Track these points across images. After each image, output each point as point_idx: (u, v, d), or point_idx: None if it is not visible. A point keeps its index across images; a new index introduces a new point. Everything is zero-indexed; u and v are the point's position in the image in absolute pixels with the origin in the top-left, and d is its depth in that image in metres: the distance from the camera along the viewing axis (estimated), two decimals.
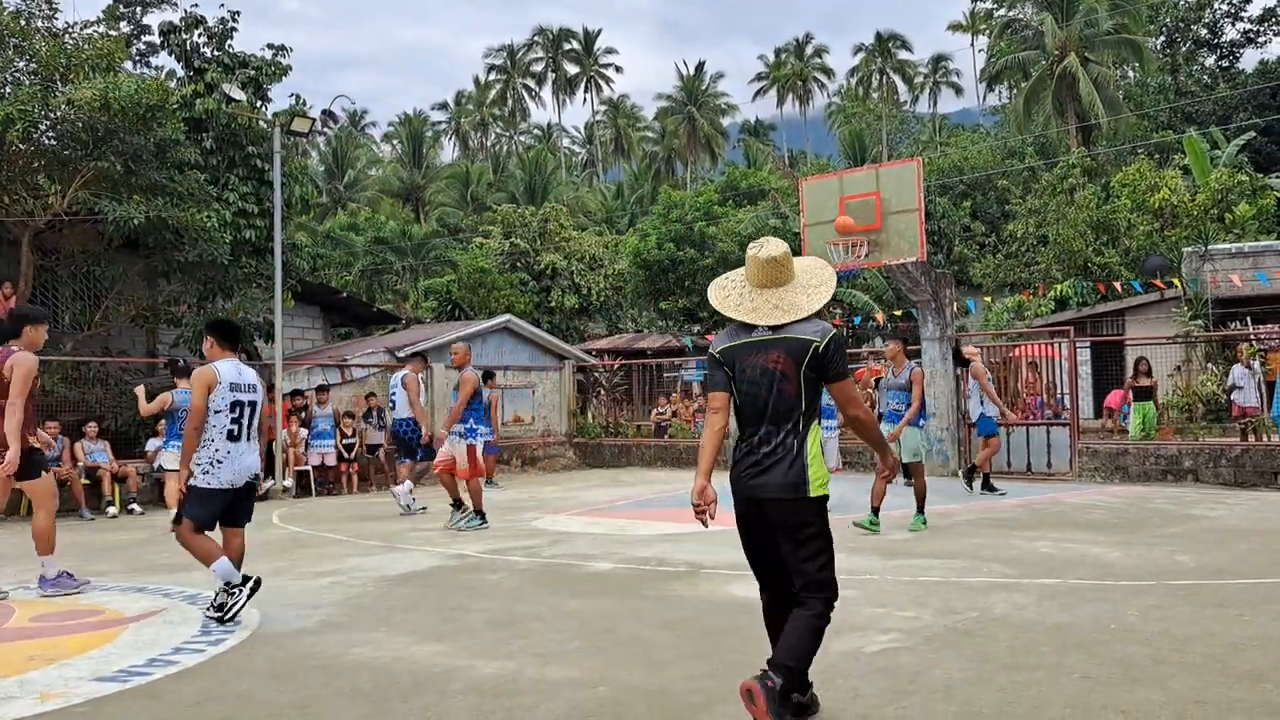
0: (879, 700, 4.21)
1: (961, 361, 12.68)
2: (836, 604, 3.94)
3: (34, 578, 7.26)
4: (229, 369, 6.13)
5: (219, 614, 5.87)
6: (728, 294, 4.07)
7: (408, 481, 12.10)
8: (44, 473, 7.22)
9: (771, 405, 3.88)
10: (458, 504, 10.43)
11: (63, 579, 7.11)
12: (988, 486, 12.38)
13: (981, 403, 12.45)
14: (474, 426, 10.31)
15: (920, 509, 9.46)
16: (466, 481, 10.34)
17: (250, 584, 5.90)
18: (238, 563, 6.11)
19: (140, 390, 11.93)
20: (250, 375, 6.29)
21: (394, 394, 12.65)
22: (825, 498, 3.89)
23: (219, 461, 5.96)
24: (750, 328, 3.96)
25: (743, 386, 3.95)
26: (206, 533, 6.08)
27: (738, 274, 4.10)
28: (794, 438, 3.87)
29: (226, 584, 5.89)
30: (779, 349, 3.87)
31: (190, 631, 5.81)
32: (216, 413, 6.00)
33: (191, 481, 5.95)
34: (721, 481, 3.87)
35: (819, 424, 3.98)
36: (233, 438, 6.02)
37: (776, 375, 3.86)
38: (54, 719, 4.25)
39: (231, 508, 6.12)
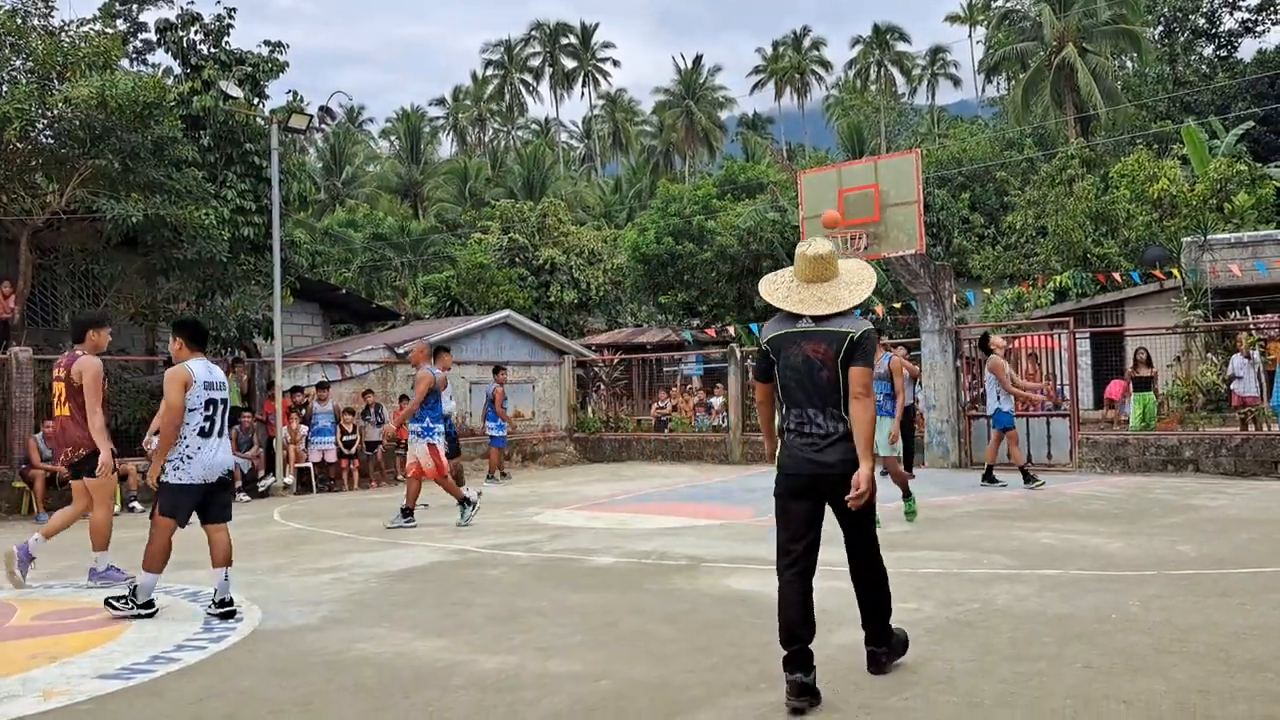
0: (881, 692, 4.22)
1: (986, 350, 12.41)
2: (838, 595, 4.02)
3: (43, 575, 7.27)
4: (201, 368, 6.26)
5: (114, 602, 6.13)
6: (777, 287, 4.46)
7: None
8: (109, 476, 7.47)
9: (812, 390, 4.28)
10: (464, 502, 10.35)
11: (111, 572, 7.40)
12: (989, 478, 12.32)
13: (998, 397, 12.17)
14: (430, 425, 10.17)
15: (907, 493, 9.35)
16: (420, 480, 10.23)
17: (149, 611, 6.11)
18: (225, 557, 6.18)
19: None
20: (219, 374, 6.43)
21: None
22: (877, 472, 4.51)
23: (189, 458, 6.08)
24: (795, 319, 4.33)
25: (786, 372, 4.34)
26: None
27: (787, 271, 4.52)
28: (836, 420, 4.27)
29: (132, 592, 6.14)
30: (821, 340, 4.27)
31: (192, 629, 5.82)
32: (191, 410, 6.13)
33: (163, 478, 6.06)
34: (712, 476, 3.85)
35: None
36: (204, 434, 6.15)
37: (816, 363, 4.26)
38: (57, 717, 4.26)
39: (207, 504, 6.21)
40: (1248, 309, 19.13)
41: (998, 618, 5.48)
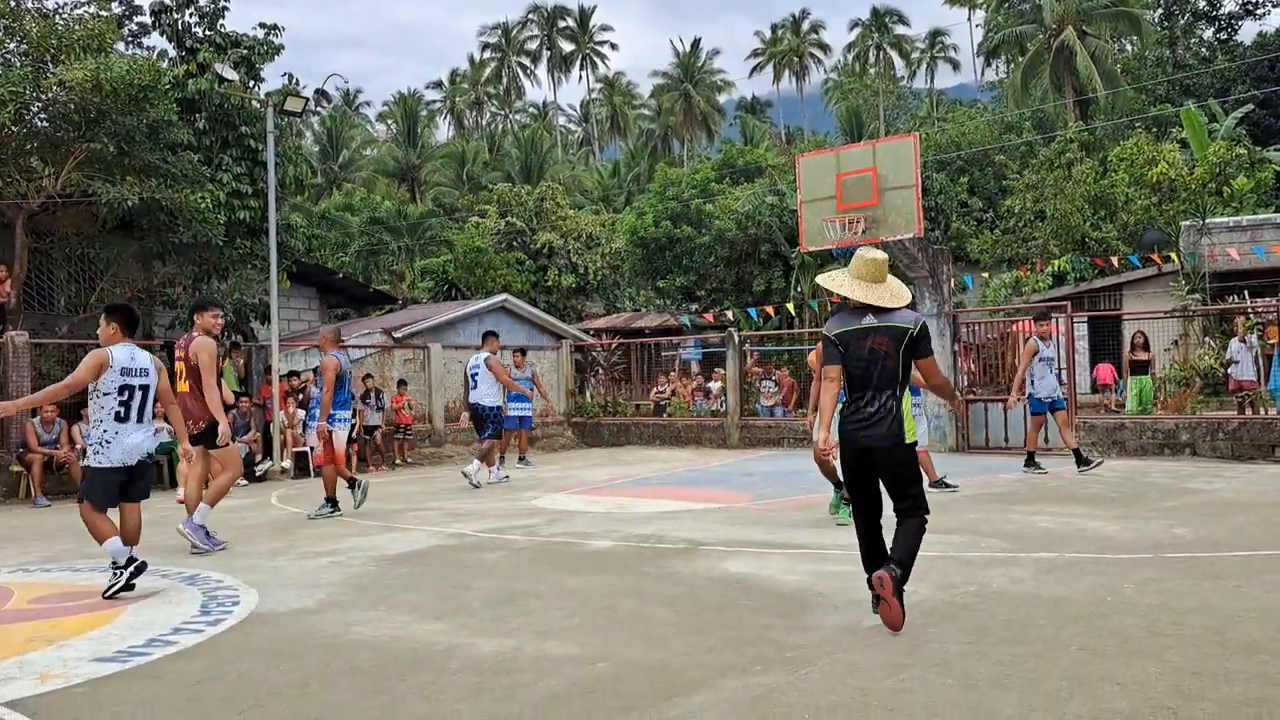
0: (877, 673, 4.23)
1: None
2: (831, 578, 4.00)
3: (40, 559, 7.28)
4: (123, 354, 6.40)
5: (105, 591, 6.21)
6: (840, 282, 5.21)
7: (476, 462, 12.57)
8: (229, 443, 8.21)
9: (876, 376, 5.04)
10: (351, 484, 10.24)
11: (208, 535, 8.04)
12: (1031, 463, 12.02)
13: (1031, 381, 11.81)
14: (333, 413, 10.02)
15: (839, 484, 8.39)
16: (335, 466, 10.15)
17: (134, 566, 6.23)
18: (134, 535, 6.43)
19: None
20: (144, 359, 6.54)
21: (475, 374, 12.94)
22: (915, 443, 5.12)
23: (107, 442, 6.27)
24: (860, 317, 5.12)
25: (852, 362, 5.10)
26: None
27: (841, 272, 5.29)
28: (893, 401, 5.04)
29: (113, 563, 6.26)
30: (884, 334, 5.04)
31: (189, 612, 5.82)
32: (105, 395, 6.29)
33: (84, 462, 6.28)
34: (710, 460, 3.87)
35: (909, 393, 5.17)
36: (120, 419, 6.32)
37: (881, 354, 5.03)
38: (54, 700, 4.26)
39: (126, 485, 6.41)
40: (1245, 293, 19.13)
41: (994, 600, 5.49)
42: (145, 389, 6.47)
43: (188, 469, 8.27)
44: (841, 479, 7.44)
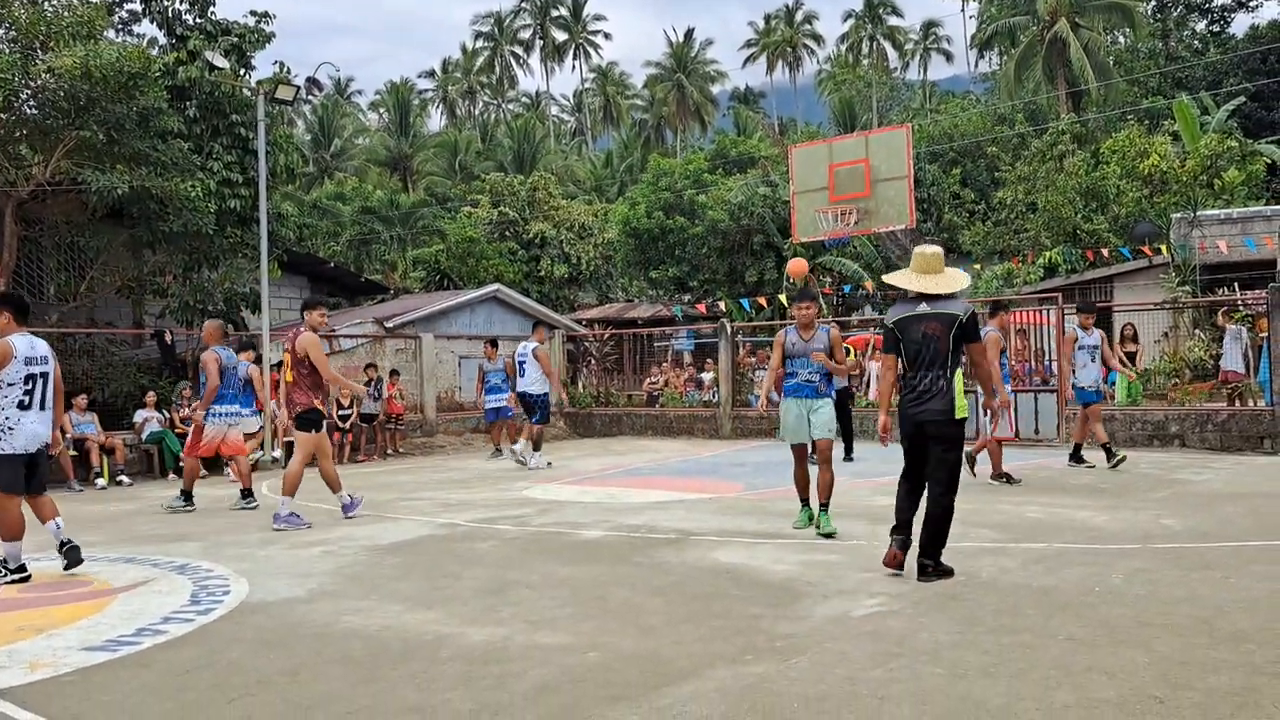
0: (866, 663, 4.24)
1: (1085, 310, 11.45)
2: (822, 568, 4.00)
3: (30, 548, 7.25)
4: (23, 343, 6.50)
5: None
6: (902, 275, 5.92)
7: (522, 440, 13.38)
8: (315, 432, 8.77)
9: (929, 358, 5.71)
10: (246, 493, 10.27)
11: (292, 518, 8.55)
12: (1077, 458, 11.52)
13: (1073, 373, 11.44)
14: (213, 407, 10.04)
15: (826, 503, 7.50)
16: (241, 457, 10.24)
17: (19, 575, 6.44)
18: (53, 512, 6.70)
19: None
20: (42, 348, 6.65)
21: (523, 362, 13.58)
22: (965, 419, 5.77)
23: (10, 429, 6.35)
24: (915, 304, 5.80)
25: (908, 345, 5.79)
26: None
27: (904, 269, 5.99)
28: (944, 380, 5.70)
29: (3, 562, 6.47)
30: (935, 320, 5.73)
31: (179, 601, 5.82)
32: (10, 385, 6.37)
33: None
34: (702, 450, 3.88)
35: (960, 373, 5.80)
36: (23, 407, 6.42)
37: (933, 338, 5.71)
38: (43, 688, 4.25)
39: (28, 475, 6.52)
40: (1235, 285, 19.19)
41: (983, 590, 5.52)
42: (45, 376, 6.57)
43: (297, 455, 8.79)
44: (804, 497, 7.63)
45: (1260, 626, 4.62)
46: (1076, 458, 11.48)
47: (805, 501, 7.72)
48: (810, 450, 7.65)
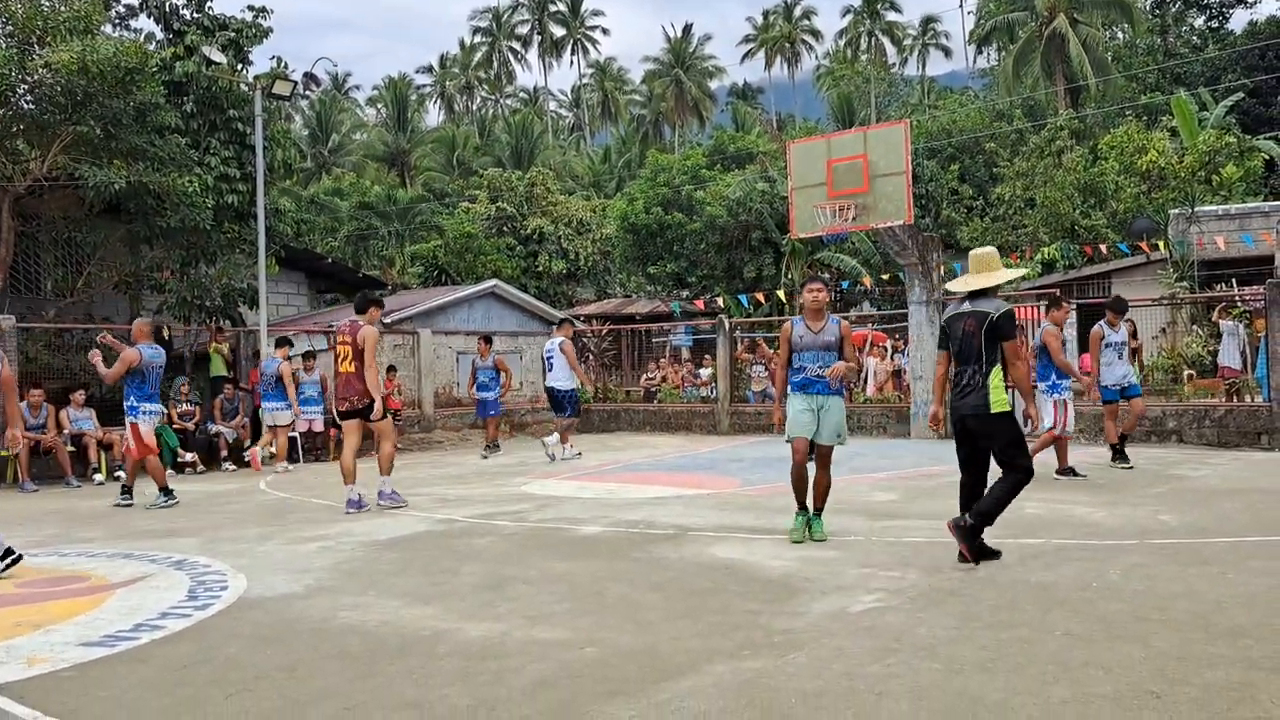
0: (864, 658, 4.25)
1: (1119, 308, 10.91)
2: (819, 564, 4.00)
3: (27, 544, 7.26)
4: None
5: None
6: (956, 280, 6.35)
7: (555, 434, 13.59)
8: (388, 416, 9.56)
9: (966, 354, 6.04)
10: (126, 490, 10.30)
11: (394, 495, 9.38)
12: (1122, 456, 10.89)
13: (1099, 371, 10.83)
14: (135, 404, 10.04)
15: (821, 509, 7.14)
16: (144, 461, 10.18)
17: None
18: None
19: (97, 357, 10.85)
20: None
21: (550, 358, 13.83)
22: (1005, 413, 5.94)
23: None
24: (960, 304, 6.20)
25: (953, 342, 6.18)
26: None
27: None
28: (980, 375, 5.95)
29: None
30: (971, 318, 6.06)
31: (177, 596, 5.81)
32: None
33: None
34: (700, 446, 3.88)
35: (1000, 369, 5.97)
36: None
37: (969, 335, 6.03)
38: (41, 684, 4.25)
39: None
40: (1233, 281, 19.21)
41: (980, 586, 5.52)
42: None
43: (346, 441, 9.40)
44: (802, 500, 7.05)
45: (1257, 622, 4.63)
46: (1121, 455, 10.82)
47: (803, 505, 7.09)
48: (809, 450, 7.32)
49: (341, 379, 9.38)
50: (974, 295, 6.12)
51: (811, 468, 7.09)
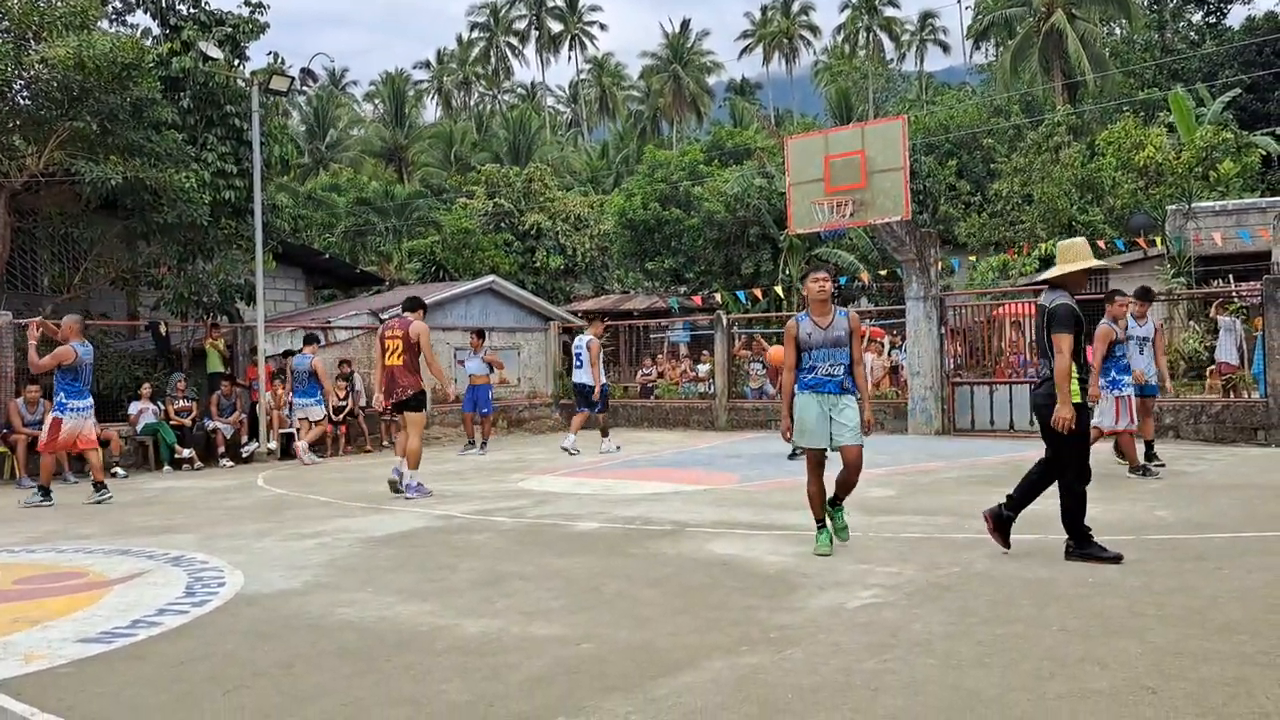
0: (861, 654, 4.25)
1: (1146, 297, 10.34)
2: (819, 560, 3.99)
3: (25, 540, 7.29)
4: None
5: None
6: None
7: (574, 435, 13.85)
8: (424, 410, 10.04)
9: (1039, 345, 6.24)
10: (98, 486, 10.38)
11: (421, 487, 9.72)
12: (1149, 455, 10.33)
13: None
14: (64, 401, 10.09)
15: (842, 499, 6.63)
16: (41, 455, 10.30)
17: None
18: None
19: (33, 342, 10.82)
20: None
21: (579, 354, 14.16)
22: (1075, 406, 5.93)
23: None
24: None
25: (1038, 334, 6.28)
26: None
27: None
28: (1046, 367, 6.11)
29: None
30: (1040, 311, 6.20)
31: (174, 593, 5.81)
32: None
33: None
34: (698, 442, 3.88)
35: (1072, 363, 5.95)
36: None
37: (1038, 327, 6.23)
38: (38, 680, 4.25)
39: None
40: (1230, 277, 19.22)
41: (977, 581, 5.53)
42: None
43: (414, 432, 9.87)
44: (821, 516, 6.51)
45: (1253, 617, 4.64)
46: (1149, 455, 10.26)
47: (822, 522, 6.52)
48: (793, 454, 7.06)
49: (386, 372, 9.81)
50: (1050, 287, 6.23)
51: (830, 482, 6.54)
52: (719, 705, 3.70)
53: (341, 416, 15.67)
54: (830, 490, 6.57)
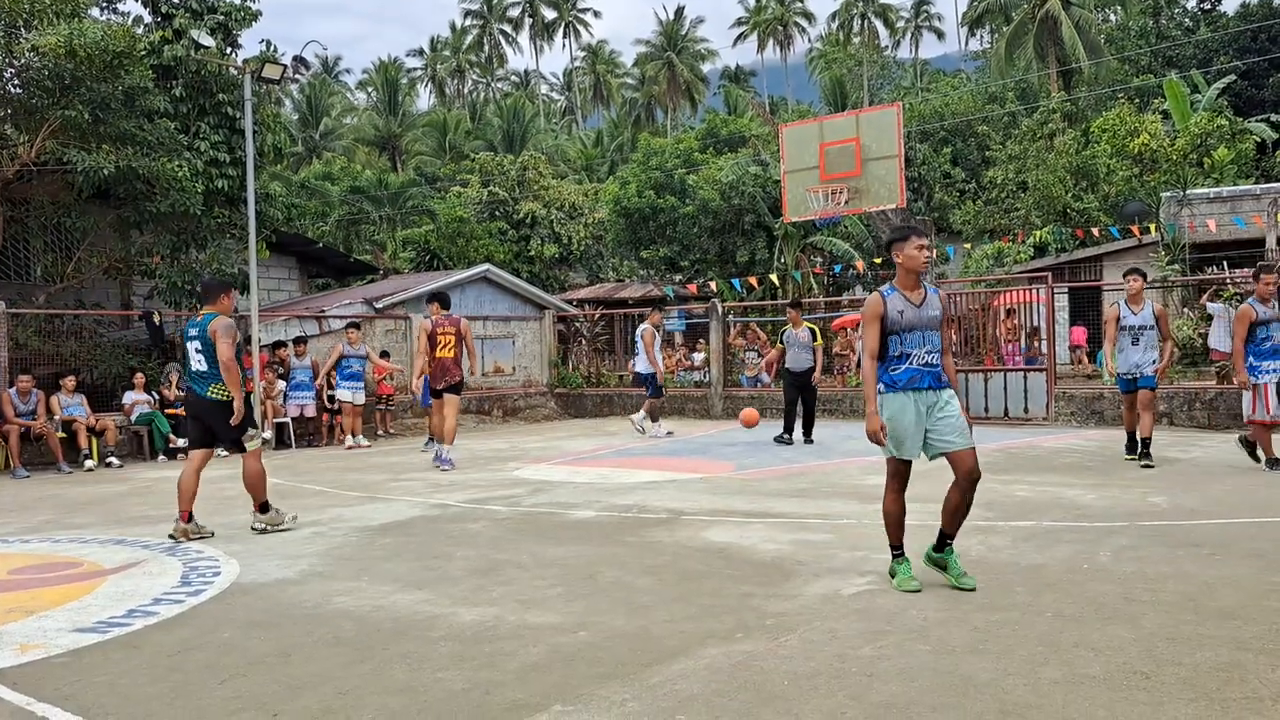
0: (856, 640, 4.27)
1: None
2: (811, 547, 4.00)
3: (20, 530, 7.28)
4: None
5: None
6: None
7: (642, 412, 14.55)
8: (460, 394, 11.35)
9: None
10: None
11: (448, 460, 11.09)
12: (1142, 452, 9.72)
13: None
14: None
15: (954, 533, 5.29)
16: None
17: None
18: None
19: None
20: None
21: (637, 343, 14.75)
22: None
23: None
24: None
25: None
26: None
27: None
28: None
29: None
30: None
31: (170, 582, 5.81)
32: None
33: None
34: (693, 431, 3.87)
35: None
36: None
37: None
38: (34, 670, 4.25)
39: None
40: (1225, 264, 19.25)
41: (972, 568, 5.54)
42: None
43: (445, 412, 11.18)
44: (900, 540, 5.30)
45: (1246, 603, 4.66)
46: (1144, 452, 9.69)
47: (900, 548, 5.32)
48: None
49: (438, 363, 11.09)
50: None
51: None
52: (715, 692, 3.71)
53: (335, 405, 15.64)
54: (921, 512, 5.42)
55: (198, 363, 7.24)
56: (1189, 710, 3.40)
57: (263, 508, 7.41)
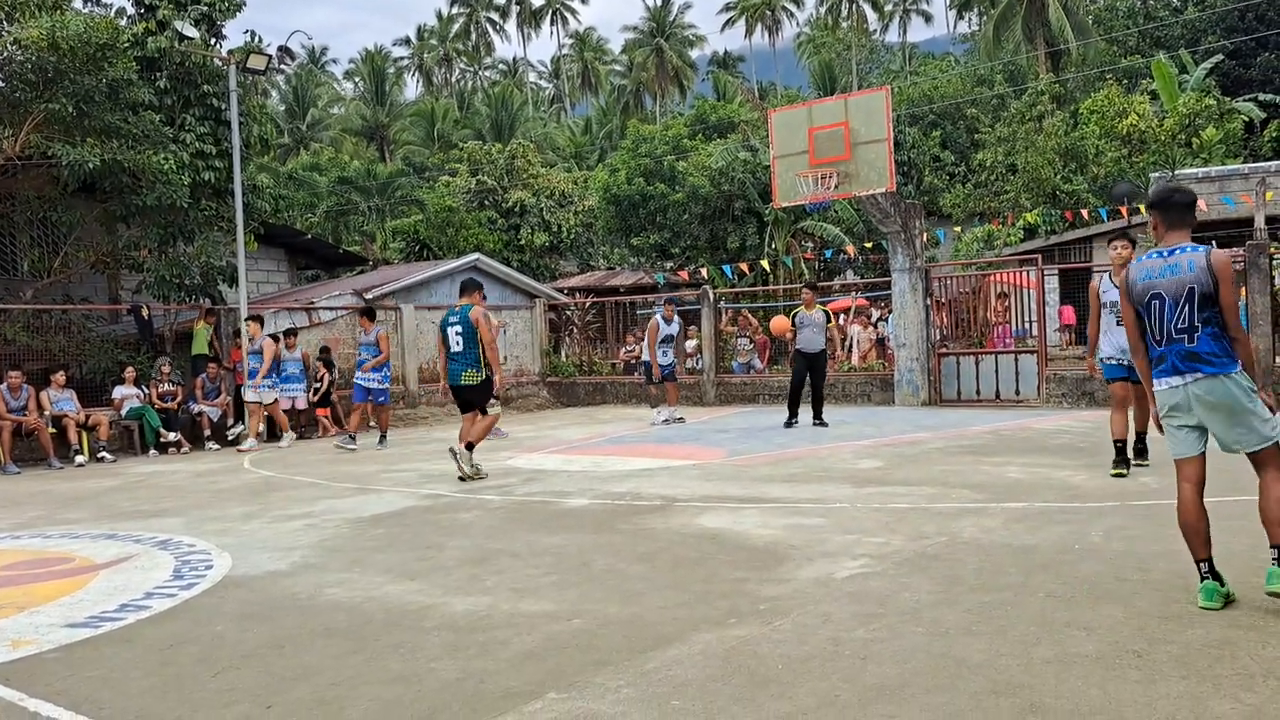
0: (849, 623, 4.27)
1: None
2: (805, 531, 3.98)
3: (11, 526, 7.24)
4: None
5: None
6: None
7: (672, 408, 14.52)
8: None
9: None
10: None
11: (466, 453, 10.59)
12: (1138, 455, 8.49)
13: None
14: None
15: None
16: None
17: None
18: None
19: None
20: None
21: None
22: None
23: None
24: None
25: None
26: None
27: None
28: None
29: None
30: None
31: (162, 576, 5.80)
32: None
33: None
34: (688, 418, 3.86)
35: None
36: None
37: None
38: (26, 665, 4.24)
39: None
40: (1213, 243, 19.27)
41: (964, 550, 5.56)
42: None
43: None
44: (1207, 554, 4.44)
45: (1236, 580, 4.68)
46: (1138, 454, 8.47)
47: (1209, 564, 4.40)
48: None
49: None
50: None
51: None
52: (709, 677, 3.71)
53: (319, 398, 15.59)
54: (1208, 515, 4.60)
55: (456, 344, 9.25)
56: (1181, 687, 3.41)
57: (469, 446, 9.16)
